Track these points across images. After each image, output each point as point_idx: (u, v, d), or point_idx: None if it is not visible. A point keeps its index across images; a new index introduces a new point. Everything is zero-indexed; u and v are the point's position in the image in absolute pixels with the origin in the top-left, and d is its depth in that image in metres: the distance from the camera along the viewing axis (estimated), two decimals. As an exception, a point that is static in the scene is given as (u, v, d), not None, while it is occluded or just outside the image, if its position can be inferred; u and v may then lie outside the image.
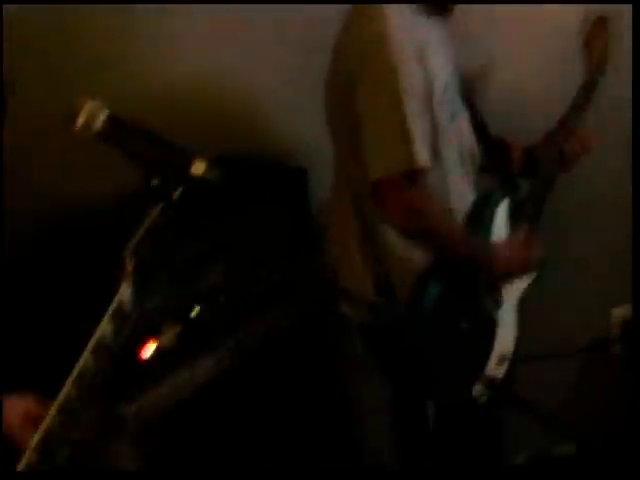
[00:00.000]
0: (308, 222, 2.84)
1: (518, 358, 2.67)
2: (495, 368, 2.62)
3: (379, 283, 2.50)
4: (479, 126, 2.67)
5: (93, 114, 1.71)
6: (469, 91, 2.65)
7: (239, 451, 2.65)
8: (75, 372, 1.69)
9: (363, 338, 2.67)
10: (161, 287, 1.86)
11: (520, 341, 2.71)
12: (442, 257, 2.49)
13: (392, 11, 2.37)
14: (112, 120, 1.72)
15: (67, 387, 1.69)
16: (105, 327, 1.71)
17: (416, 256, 2.49)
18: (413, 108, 2.35)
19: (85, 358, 1.69)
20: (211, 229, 2.47)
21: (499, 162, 2.79)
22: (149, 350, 2.43)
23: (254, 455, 2.67)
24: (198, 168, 1.70)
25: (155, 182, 1.72)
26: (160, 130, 1.73)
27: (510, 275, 2.63)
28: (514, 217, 2.69)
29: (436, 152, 2.46)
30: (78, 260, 2.42)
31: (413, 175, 2.36)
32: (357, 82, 2.38)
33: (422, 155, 2.36)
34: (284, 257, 2.73)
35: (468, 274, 2.53)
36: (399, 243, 2.48)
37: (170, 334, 2.47)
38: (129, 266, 1.73)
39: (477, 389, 2.54)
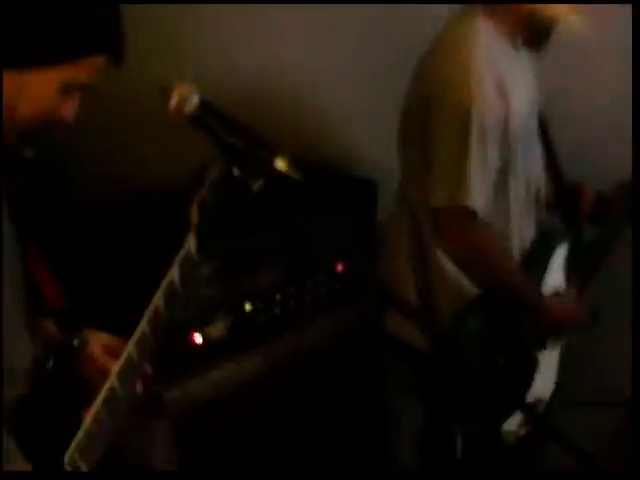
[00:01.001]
0: (372, 232, 2.86)
1: (564, 401, 2.66)
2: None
3: (422, 302, 2.51)
4: (551, 164, 2.67)
5: (185, 97, 1.73)
6: (545, 128, 2.64)
7: (271, 450, 2.67)
8: (149, 311, 1.78)
9: (404, 357, 2.67)
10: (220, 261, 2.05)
11: (560, 386, 2.69)
12: (490, 293, 2.49)
13: (480, 40, 2.38)
14: (203, 105, 1.74)
15: (142, 324, 1.78)
16: (174, 272, 1.81)
17: (465, 285, 2.49)
18: (482, 142, 2.34)
19: (157, 298, 1.79)
20: (278, 226, 2.50)
21: (567, 203, 2.77)
22: (199, 337, 2.46)
23: (285, 455, 2.69)
24: (281, 164, 1.72)
25: (236, 171, 1.75)
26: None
27: (556, 329, 2.62)
28: (571, 264, 2.68)
29: (502, 185, 2.46)
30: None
31: (471, 210, 2.38)
32: (432, 108, 2.38)
33: (477, 198, 2.35)
34: (346, 266, 2.76)
35: (514, 313, 2.52)
36: (450, 269, 2.48)
37: (221, 325, 2.49)
38: (194, 218, 1.82)
39: (514, 422, 2.54)
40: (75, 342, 1.89)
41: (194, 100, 1.73)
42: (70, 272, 2.45)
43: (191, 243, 1.84)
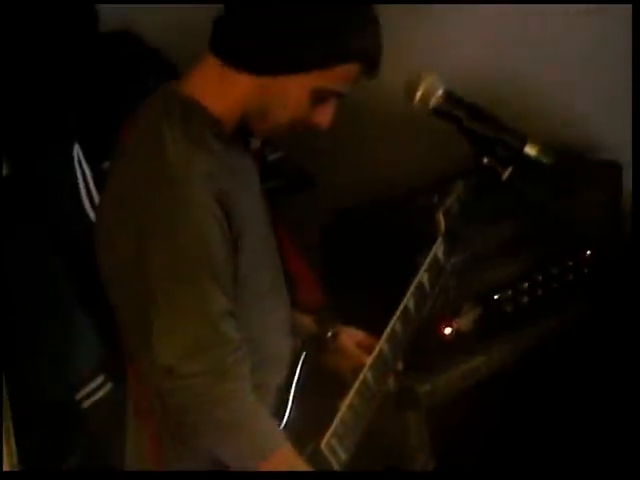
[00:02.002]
0: (617, 216, 2.79)
1: None
2: None
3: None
4: None
5: (431, 89, 1.74)
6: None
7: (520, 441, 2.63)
8: (399, 310, 1.86)
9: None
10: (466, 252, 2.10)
11: None
12: None
13: None
14: (449, 96, 1.75)
15: (393, 322, 1.86)
16: (423, 274, 1.89)
17: None
18: None
19: (408, 299, 1.87)
20: (525, 213, 2.47)
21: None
22: (448, 329, 2.46)
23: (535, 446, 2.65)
24: (531, 149, 1.70)
25: (485, 160, 1.74)
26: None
27: None
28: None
29: None
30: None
31: None
32: None
33: None
34: (593, 251, 2.70)
35: None
36: None
37: (470, 316, 2.49)
38: (441, 225, 1.91)
39: None
40: (329, 334, 1.96)
41: (439, 92, 1.74)
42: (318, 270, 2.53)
43: (439, 248, 1.92)
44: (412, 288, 1.89)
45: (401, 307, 1.87)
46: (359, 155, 2.84)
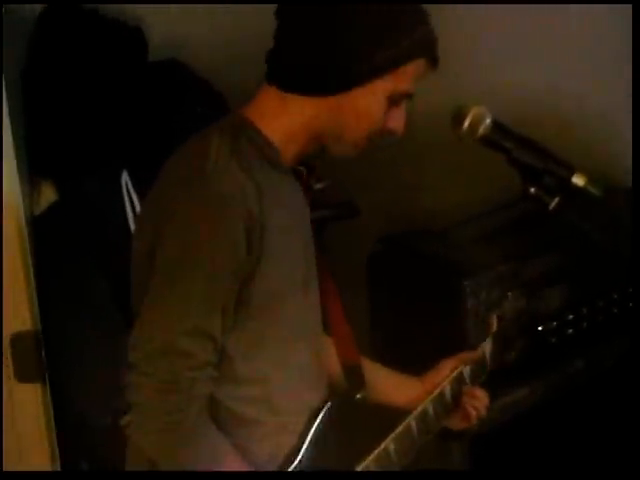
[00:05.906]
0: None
1: None
2: None
3: None
4: None
5: (479, 119, 1.74)
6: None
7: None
8: (434, 395, 1.91)
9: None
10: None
11: None
12: None
13: None
14: (496, 126, 1.74)
15: (426, 404, 1.89)
16: (465, 370, 1.95)
17: None
18: None
19: (445, 386, 1.91)
20: (573, 245, 2.46)
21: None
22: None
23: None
24: (579, 179, 1.69)
25: (533, 190, 1.73)
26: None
27: None
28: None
29: None
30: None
31: None
32: None
33: None
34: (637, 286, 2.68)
35: None
36: None
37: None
38: (494, 326, 1.98)
39: None
40: (358, 396, 1.89)
41: (487, 121, 1.74)
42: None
43: (487, 348, 1.97)
44: (452, 378, 1.91)
45: (436, 393, 1.89)
46: (403, 182, 2.84)
